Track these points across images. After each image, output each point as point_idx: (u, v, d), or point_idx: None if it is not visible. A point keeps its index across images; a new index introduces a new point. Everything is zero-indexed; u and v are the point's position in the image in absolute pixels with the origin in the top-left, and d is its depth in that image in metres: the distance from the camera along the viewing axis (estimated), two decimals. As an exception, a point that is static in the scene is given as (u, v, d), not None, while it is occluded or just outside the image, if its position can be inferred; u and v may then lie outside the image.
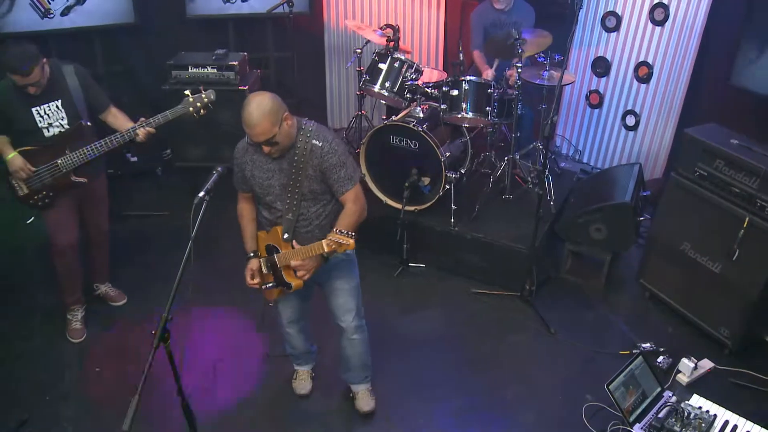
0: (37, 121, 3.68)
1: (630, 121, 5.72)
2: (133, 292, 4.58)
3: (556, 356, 4.16)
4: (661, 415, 2.78)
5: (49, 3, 5.28)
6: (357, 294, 3.43)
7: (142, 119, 3.77)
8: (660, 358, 4.03)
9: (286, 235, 3.10)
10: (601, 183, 5.04)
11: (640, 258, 4.71)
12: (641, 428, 3.04)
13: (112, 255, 4.60)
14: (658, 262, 4.45)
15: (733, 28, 4.72)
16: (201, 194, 2.54)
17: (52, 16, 5.31)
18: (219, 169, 2.69)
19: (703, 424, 2.69)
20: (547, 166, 4.56)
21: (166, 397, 2.86)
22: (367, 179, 4.97)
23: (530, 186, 5.08)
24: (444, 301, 4.63)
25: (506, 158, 5.03)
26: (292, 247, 3.10)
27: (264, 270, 3.26)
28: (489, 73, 5.08)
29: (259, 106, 2.83)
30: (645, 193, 4.87)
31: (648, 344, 4.14)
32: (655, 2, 5.23)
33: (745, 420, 2.77)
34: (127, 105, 3.99)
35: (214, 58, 5.23)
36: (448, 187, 4.75)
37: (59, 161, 3.72)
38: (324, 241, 2.83)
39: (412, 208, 4.83)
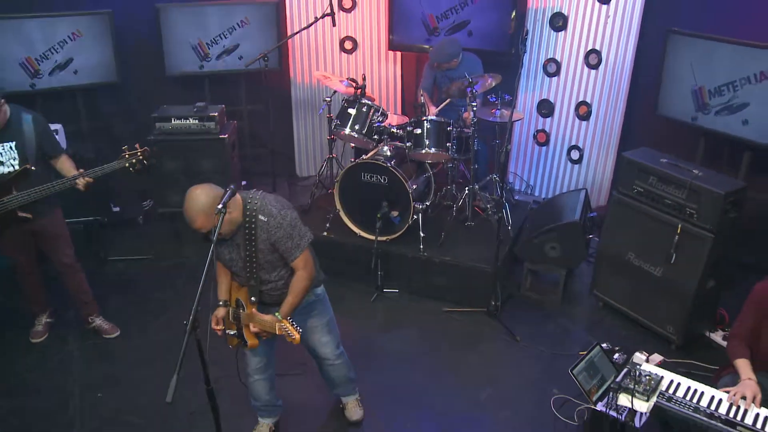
0: None
1: (575, 155, 6.32)
2: (127, 325, 4.87)
3: (524, 360, 4.58)
4: (618, 379, 3.22)
5: (39, 65, 5.70)
6: (332, 326, 3.70)
7: (81, 170, 4.17)
8: (615, 355, 4.46)
9: (252, 299, 3.34)
10: (552, 208, 5.58)
11: (591, 273, 5.22)
12: (603, 405, 3.45)
13: (104, 293, 4.97)
14: (608, 274, 4.95)
15: (655, 68, 5.40)
16: (219, 206, 2.91)
17: (41, 76, 5.71)
18: (232, 186, 3.06)
19: (653, 381, 3.16)
20: (504, 194, 5.09)
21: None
22: (342, 214, 5.39)
23: (489, 214, 5.59)
24: (418, 320, 5.03)
25: (467, 189, 5.54)
26: (253, 311, 3.35)
27: (230, 318, 3.45)
28: (433, 110, 5.63)
29: (195, 203, 3.04)
30: (592, 215, 5.43)
31: (605, 344, 4.57)
32: (589, 49, 5.91)
33: (687, 379, 3.24)
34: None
35: (195, 110, 5.68)
36: (416, 217, 5.21)
37: (5, 198, 4.05)
38: (277, 325, 3.17)
39: (384, 238, 5.25)
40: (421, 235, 5.22)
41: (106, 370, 4.47)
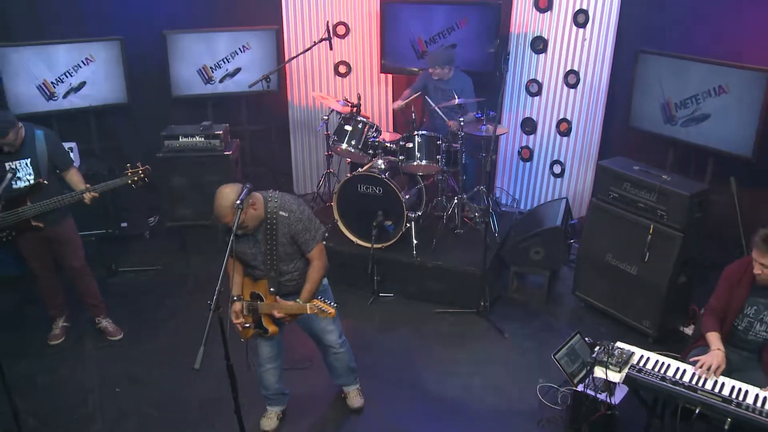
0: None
1: (557, 169, 6.71)
2: (138, 330, 5.20)
3: (511, 354, 4.94)
4: (594, 354, 3.58)
5: (54, 88, 6.10)
6: (336, 315, 3.93)
7: (88, 185, 4.55)
8: (596, 348, 4.82)
9: (272, 290, 3.66)
10: (535, 215, 5.96)
11: (573, 276, 5.58)
12: (583, 386, 3.80)
13: (116, 301, 5.35)
14: (588, 275, 5.32)
15: (627, 85, 5.84)
16: (237, 202, 3.26)
17: (56, 98, 6.10)
18: (248, 185, 3.40)
19: (624, 355, 3.52)
20: (490, 204, 5.47)
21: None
22: (340, 224, 5.75)
23: (477, 222, 5.97)
24: (412, 321, 5.37)
25: (455, 199, 5.93)
26: (276, 299, 3.67)
27: (245, 312, 3.73)
28: (398, 103, 6.10)
29: (225, 200, 3.32)
30: (573, 222, 5.82)
31: (587, 338, 4.93)
32: (567, 69, 6.34)
33: (656, 354, 3.60)
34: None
35: (201, 128, 6.07)
36: (409, 225, 5.58)
37: (20, 209, 4.43)
38: (308, 305, 3.52)
39: (379, 246, 5.60)
40: (414, 242, 5.59)
41: (120, 371, 4.77)
